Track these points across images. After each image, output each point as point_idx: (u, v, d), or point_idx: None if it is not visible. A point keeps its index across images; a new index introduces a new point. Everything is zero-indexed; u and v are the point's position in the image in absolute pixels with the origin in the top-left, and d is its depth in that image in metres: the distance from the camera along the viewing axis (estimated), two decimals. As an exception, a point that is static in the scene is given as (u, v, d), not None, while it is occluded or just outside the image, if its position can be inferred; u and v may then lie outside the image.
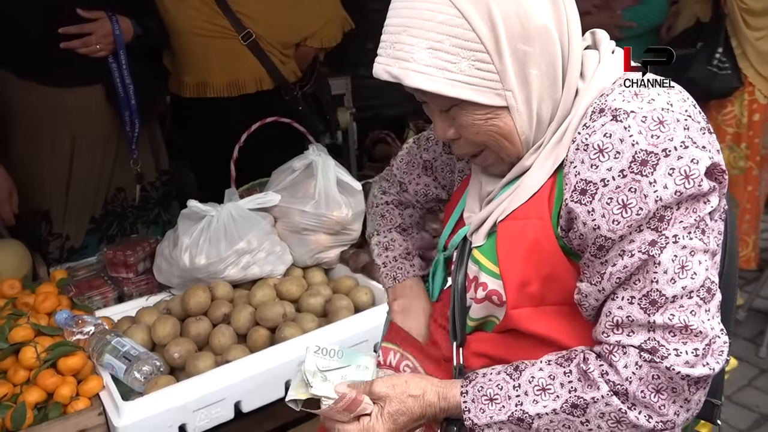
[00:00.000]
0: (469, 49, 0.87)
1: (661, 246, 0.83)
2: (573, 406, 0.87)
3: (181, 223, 1.91)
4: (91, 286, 1.97)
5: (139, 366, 1.49)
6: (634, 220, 0.83)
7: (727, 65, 2.88)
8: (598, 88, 0.92)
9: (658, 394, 0.84)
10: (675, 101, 0.86)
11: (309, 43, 2.61)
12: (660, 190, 0.82)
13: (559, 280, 0.94)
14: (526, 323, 0.96)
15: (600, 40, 1.00)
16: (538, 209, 0.94)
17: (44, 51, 2.13)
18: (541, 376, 0.91)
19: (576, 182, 0.87)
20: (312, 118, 2.63)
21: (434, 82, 0.88)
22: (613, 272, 0.86)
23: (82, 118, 2.27)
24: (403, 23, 0.89)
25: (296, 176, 2.03)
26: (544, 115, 0.94)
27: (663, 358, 0.83)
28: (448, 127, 0.98)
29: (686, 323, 0.82)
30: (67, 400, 1.45)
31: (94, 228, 2.42)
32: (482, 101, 0.90)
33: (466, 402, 0.95)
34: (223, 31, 2.42)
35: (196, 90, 2.48)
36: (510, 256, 0.95)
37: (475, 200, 1.08)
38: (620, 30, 2.95)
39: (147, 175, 2.51)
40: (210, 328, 1.69)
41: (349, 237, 2.04)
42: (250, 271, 1.86)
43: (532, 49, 0.89)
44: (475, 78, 0.89)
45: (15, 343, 1.52)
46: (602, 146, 0.85)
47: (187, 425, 1.46)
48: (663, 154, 0.82)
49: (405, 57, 0.89)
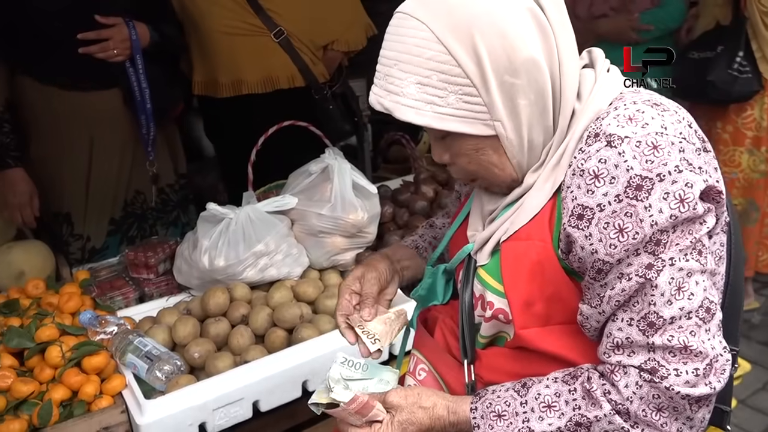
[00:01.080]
0: (456, 84, 0.90)
1: (657, 269, 0.84)
2: (577, 424, 0.89)
3: (201, 226, 1.94)
4: (112, 286, 2.01)
5: (160, 365, 1.53)
6: (630, 244, 0.84)
7: (747, 69, 2.85)
8: (594, 110, 0.93)
9: (660, 412, 0.86)
10: (669, 124, 0.87)
11: (336, 47, 2.63)
12: (655, 215, 0.83)
13: (563, 300, 0.95)
14: (535, 342, 0.97)
15: (596, 59, 1.01)
16: (540, 231, 0.95)
17: (64, 56, 2.18)
18: (547, 393, 0.93)
19: (573, 207, 0.89)
20: (340, 118, 2.66)
21: (423, 116, 0.91)
22: (612, 295, 0.87)
23: (99, 121, 2.32)
24: (395, 57, 0.92)
25: (313, 179, 2.06)
26: (536, 140, 0.96)
27: (663, 378, 0.84)
28: (444, 152, 1.01)
29: (685, 344, 0.84)
30: (91, 398, 1.49)
31: (114, 229, 2.47)
32: (471, 132, 0.92)
33: (476, 418, 0.97)
34: (255, 29, 2.45)
35: (231, 89, 2.50)
36: (514, 276, 0.97)
37: (477, 218, 1.10)
38: (638, 33, 2.94)
39: (165, 178, 2.55)
40: (229, 329, 1.72)
41: (365, 239, 2.06)
42: (267, 272, 1.89)
43: (519, 81, 0.90)
44: (463, 111, 0.91)
45: (41, 343, 1.56)
46: (597, 172, 0.86)
47: (207, 424, 1.50)
48: (657, 178, 0.83)
49: (395, 91, 0.92)
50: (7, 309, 1.78)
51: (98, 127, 2.33)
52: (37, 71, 2.23)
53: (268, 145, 2.23)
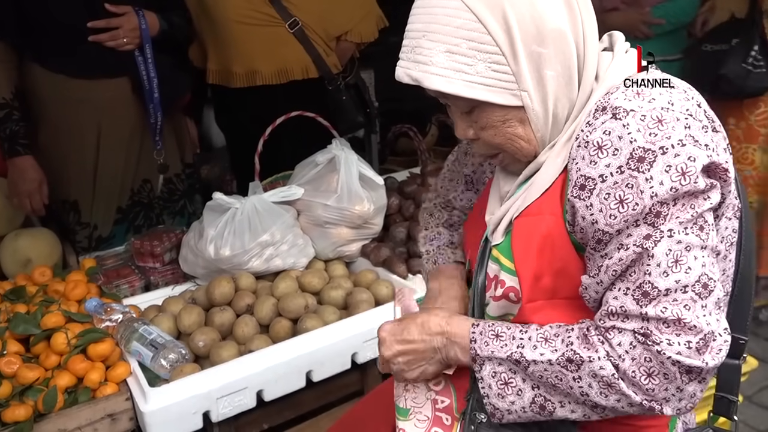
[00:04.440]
0: (485, 52, 0.90)
1: (655, 239, 0.84)
2: (568, 360, 0.89)
3: (207, 215, 1.95)
4: (118, 274, 2.02)
5: (165, 353, 1.53)
6: (630, 215, 0.85)
7: (762, 63, 2.80)
8: (606, 86, 0.94)
9: (650, 378, 0.85)
10: (677, 100, 0.88)
11: (349, 37, 2.62)
12: (656, 186, 0.83)
13: (570, 275, 0.95)
14: (538, 317, 0.98)
15: (616, 41, 1.02)
16: (551, 204, 0.96)
17: (73, 44, 2.18)
18: (546, 329, 0.95)
19: (576, 178, 0.90)
20: (353, 109, 2.66)
21: (452, 84, 0.91)
22: (609, 265, 0.88)
23: (108, 110, 2.32)
24: (423, 28, 0.92)
25: (319, 170, 2.06)
26: (560, 114, 0.96)
27: (655, 343, 0.84)
28: (468, 127, 1.01)
29: (679, 316, 0.83)
30: (96, 385, 1.50)
31: (121, 218, 2.47)
32: (498, 101, 0.93)
33: (474, 333, 0.99)
34: (270, 19, 2.44)
35: (245, 79, 2.49)
36: (524, 250, 0.97)
37: (495, 201, 1.10)
38: (649, 27, 2.91)
39: (172, 167, 2.55)
40: (234, 318, 1.73)
41: (371, 231, 2.06)
42: (273, 263, 1.89)
43: (546, 51, 0.91)
44: (492, 79, 0.91)
45: (47, 329, 1.57)
46: (601, 143, 0.87)
47: (211, 412, 1.50)
48: (660, 151, 0.84)
49: (424, 60, 0.92)
50: (13, 296, 1.79)
51: (106, 116, 2.33)
52: (46, 59, 2.23)
53: (280, 136, 2.23)
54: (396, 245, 2.10)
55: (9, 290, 1.81)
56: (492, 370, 0.96)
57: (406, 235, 2.14)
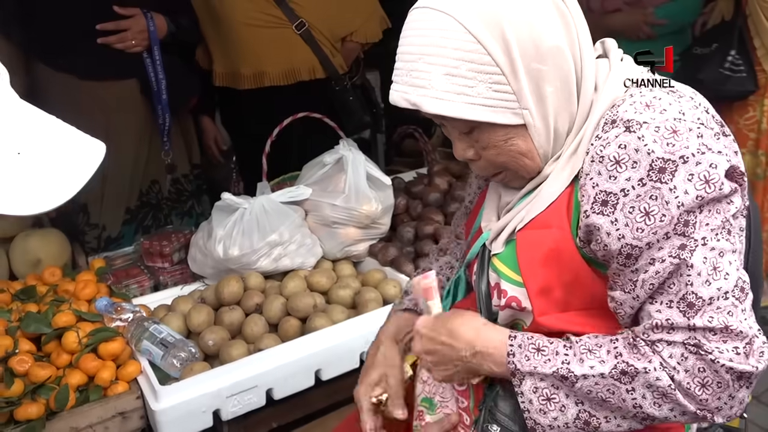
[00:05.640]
0: (485, 73, 0.89)
1: (690, 249, 0.84)
2: (622, 372, 0.87)
3: (215, 215, 1.96)
4: (128, 274, 2.03)
5: (175, 352, 1.54)
6: (658, 226, 0.84)
7: (741, 68, 2.75)
8: (609, 97, 0.94)
9: (704, 389, 0.84)
10: (687, 110, 0.88)
11: (354, 38, 2.65)
12: (681, 196, 0.83)
13: (583, 286, 0.95)
14: (555, 326, 0.97)
15: (609, 49, 1.02)
16: (558, 218, 0.95)
17: (82, 46, 2.20)
18: (587, 341, 0.92)
19: (595, 194, 0.89)
20: (360, 109, 2.67)
21: (453, 107, 0.90)
22: (645, 279, 0.87)
23: (116, 111, 2.34)
24: (419, 51, 0.91)
25: (327, 170, 2.07)
26: (561, 128, 0.96)
27: (708, 353, 0.83)
28: (468, 148, 1.00)
29: (726, 324, 0.83)
30: (107, 384, 1.51)
31: (130, 219, 2.49)
32: (501, 121, 0.92)
33: (513, 345, 0.96)
34: (278, 21, 2.46)
35: (253, 80, 2.51)
36: (530, 263, 0.97)
37: (492, 210, 1.10)
38: (652, 28, 2.90)
39: (180, 168, 2.57)
40: (243, 317, 1.73)
41: (378, 231, 2.07)
42: (281, 262, 1.90)
43: (546, 68, 0.91)
44: (493, 100, 0.90)
45: (58, 328, 1.57)
46: (618, 157, 0.87)
47: (221, 411, 1.51)
48: (681, 161, 0.83)
49: (422, 84, 0.91)
50: (24, 295, 1.80)
51: (115, 117, 2.35)
52: (55, 61, 2.24)
53: (289, 137, 2.24)
54: (403, 245, 2.11)
55: (20, 290, 1.82)
56: (533, 386, 0.94)
57: (413, 234, 2.14)
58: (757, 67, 2.71)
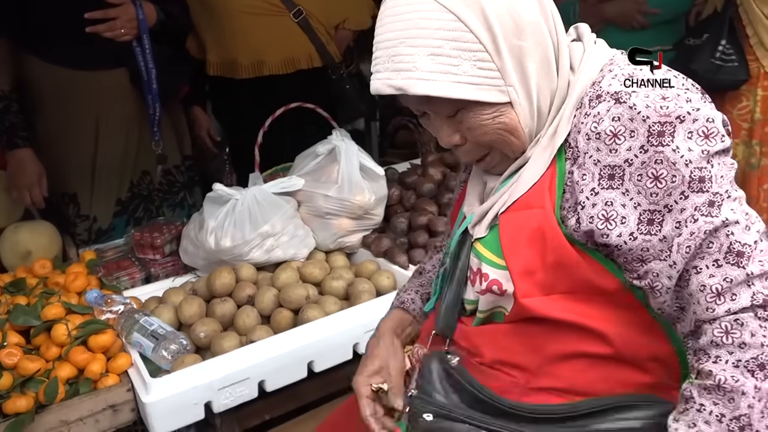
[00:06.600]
0: (469, 50, 0.89)
1: (718, 204, 0.84)
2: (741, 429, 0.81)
3: (207, 206, 1.94)
4: (119, 266, 2.01)
5: (166, 344, 1.53)
6: (671, 188, 0.84)
7: (732, 57, 2.75)
8: (587, 77, 0.94)
9: None
10: (671, 77, 0.90)
11: (346, 25, 2.64)
12: (686, 154, 0.83)
13: (567, 267, 0.93)
14: (539, 310, 0.96)
15: (583, 33, 1.03)
16: (539, 199, 0.95)
17: (70, 35, 2.17)
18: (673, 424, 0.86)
19: (600, 170, 0.89)
20: (356, 98, 2.66)
21: (440, 87, 0.89)
22: (681, 242, 0.85)
23: (106, 101, 2.31)
24: (399, 35, 0.90)
25: (320, 161, 2.05)
26: (543, 106, 0.96)
27: None
28: (454, 132, 0.99)
29: None
30: (97, 376, 1.50)
31: (121, 210, 2.46)
32: (487, 99, 0.91)
33: None
34: (275, 9, 2.45)
35: (251, 70, 2.50)
36: (513, 244, 0.96)
37: (475, 196, 1.09)
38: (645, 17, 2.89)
39: (171, 159, 2.54)
40: (235, 309, 1.72)
41: (372, 221, 2.06)
42: (273, 253, 1.89)
43: (526, 44, 0.91)
44: (478, 78, 0.90)
45: (47, 321, 1.56)
46: (615, 130, 0.87)
47: (213, 403, 1.50)
48: (678, 120, 0.84)
49: (406, 67, 0.90)
50: (13, 288, 1.78)
51: (104, 107, 2.32)
52: (44, 51, 2.22)
53: (282, 128, 2.22)
54: (397, 236, 2.10)
55: (9, 282, 1.80)
56: None
57: (407, 225, 2.13)
58: (750, 56, 2.71)
